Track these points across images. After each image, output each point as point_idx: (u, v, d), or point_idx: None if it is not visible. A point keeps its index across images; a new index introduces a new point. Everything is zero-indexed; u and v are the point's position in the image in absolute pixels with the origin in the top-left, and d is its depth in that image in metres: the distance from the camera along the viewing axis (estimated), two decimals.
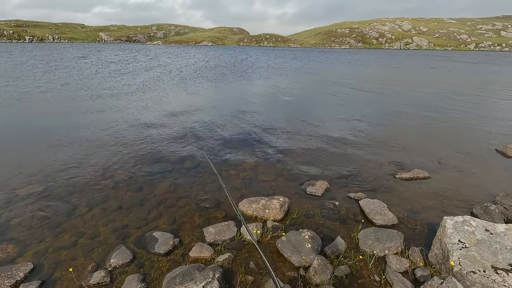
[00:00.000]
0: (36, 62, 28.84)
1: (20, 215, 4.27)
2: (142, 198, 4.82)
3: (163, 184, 5.29)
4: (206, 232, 3.89)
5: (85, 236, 3.87)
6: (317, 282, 3.09)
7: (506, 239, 3.23)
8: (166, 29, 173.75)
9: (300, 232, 3.75)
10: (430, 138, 8.27)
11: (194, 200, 4.77)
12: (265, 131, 8.53)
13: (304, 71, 27.11)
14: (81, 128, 8.37)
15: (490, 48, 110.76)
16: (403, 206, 4.68)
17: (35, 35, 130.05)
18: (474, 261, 2.98)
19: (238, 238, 3.82)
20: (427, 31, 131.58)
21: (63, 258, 3.47)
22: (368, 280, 3.20)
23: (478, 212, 4.37)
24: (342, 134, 8.43)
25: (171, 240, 3.69)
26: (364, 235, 3.80)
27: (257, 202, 4.47)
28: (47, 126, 8.55)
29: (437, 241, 3.46)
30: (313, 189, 5.07)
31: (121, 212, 4.41)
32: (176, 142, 7.47)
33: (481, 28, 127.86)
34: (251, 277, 3.21)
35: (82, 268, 3.33)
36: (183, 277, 2.95)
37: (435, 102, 13.46)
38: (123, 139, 7.57)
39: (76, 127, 8.45)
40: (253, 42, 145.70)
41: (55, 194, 4.84)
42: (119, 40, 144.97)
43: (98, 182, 5.29)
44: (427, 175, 5.72)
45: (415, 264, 3.38)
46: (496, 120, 10.55)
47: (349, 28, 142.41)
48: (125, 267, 3.34)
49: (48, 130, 8.20)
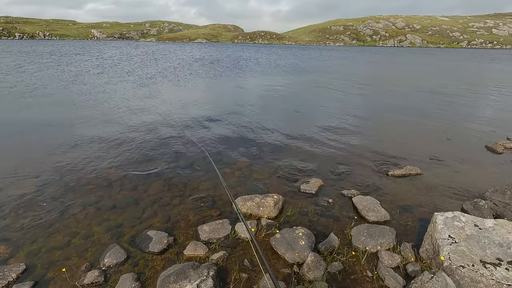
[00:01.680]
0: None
1: (12, 215, 4.22)
2: (136, 197, 4.80)
3: (158, 182, 5.27)
4: (201, 230, 3.90)
5: (79, 235, 3.85)
6: (310, 279, 3.13)
7: (494, 234, 3.31)
8: (159, 26, 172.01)
9: (294, 230, 3.78)
10: (421, 135, 8.38)
11: (188, 199, 4.77)
12: (260, 130, 8.54)
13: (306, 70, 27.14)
14: (73, 127, 8.27)
15: (482, 45, 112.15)
16: (395, 203, 4.75)
17: (25, 32, 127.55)
18: (463, 255, 3.04)
19: (233, 236, 3.84)
20: (420, 28, 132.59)
21: (56, 258, 3.45)
22: (361, 276, 3.25)
23: (468, 208, 4.46)
24: (335, 132, 8.49)
25: (166, 238, 3.69)
26: (357, 231, 3.85)
27: (252, 200, 4.49)
28: (37, 124, 8.43)
29: (428, 236, 3.52)
30: (307, 186, 5.11)
31: (115, 211, 4.39)
32: (171, 140, 7.44)
33: (473, 25, 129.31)
34: (246, 274, 3.24)
35: (76, 268, 3.31)
36: (178, 276, 2.96)
37: (426, 100, 13.62)
38: (116, 137, 7.51)
39: (68, 126, 8.36)
40: (248, 39, 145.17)
41: (48, 194, 4.79)
42: (111, 37, 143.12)
43: (91, 181, 5.26)
44: (419, 171, 5.80)
45: (406, 260, 3.45)
46: (485, 117, 10.73)
47: (344, 26, 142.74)
48: (119, 266, 3.33)
49: (39, 128, 8.10)
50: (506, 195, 4.58)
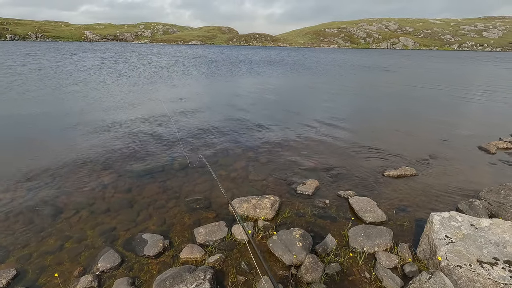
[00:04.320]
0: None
1: (2, 219, 4.11)
2: (130, 199, 4.73)
3: (153, 185, 5.20)
4: (197, 233, 3.85)
5: (72, 239, 3.76)
6: (308, 281, 3.10)
7: (490, 234, 3.33)
8: (153, 28, 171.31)
9: (291, 231, 3.75)
10: (415, 136, 8.45)
11: (184, 201, 4.71)
12: (255, 131, 8.52)
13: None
14: (64, 128, 8.14)
15: (472, 48, 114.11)
16: (391, 203, 4.75)
17: (17, 33, 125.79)
18: (460, 255, 3.05)
19: (229, 239, 3.80)
20: (413, 31, 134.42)
21: (48, 263, 3.36)
22: (359, 277, 3.23)
23: (464, 208, 4.49)
24: (331, 133, 8.50)
25: (161, 241, 3.63)
26: (354, 232, 3.84)
27: (248, 201, 4.45)
28: (28, 126, 8.28)
29: (425, 236, 3.53)
30: (303, 188, 5.09)
31: (109, 215, 4.31)
32: (165, 142, 7.36)
33: (464, 28, 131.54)
34: (243, 277, 3.19)
35: (69, 273, 3.23)
36: (174, 279, 2.90)
37: (420, 101, 13.77)
38: (110, 139, 7.41)
39: (60, 127, 8.22)
40: (243, 41, 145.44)
41: (40, 197, 4.69)
42: (105, 39, 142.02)
43: (84, 184, 5.16)
44: (415, 172, 5.83)
45: (404, 260, 3.44)
46: (478, 117, 10.87)
47: (338, 28, 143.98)
48: (114, 270, 3.26)
49: (29, 130, 7.95)
50: (501, 195, 4.63)
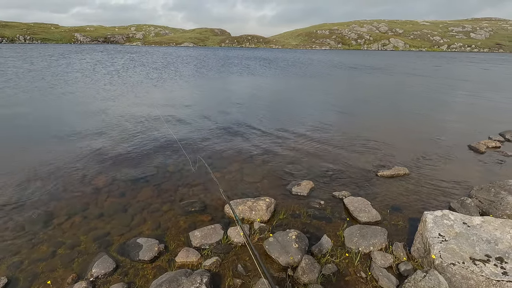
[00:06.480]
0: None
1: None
2: (124, 203, 4.67)
3: (147, 188, 5.15)
4: (192, 236, 3.83)
5: (64, 246, 3.70)
6: (305, 282, 3.11)
7: (482, 231, 3.39)
8: (145, 30, 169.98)
9: (287, 233, 3.76)
10: (407, 136, 8.57)
11: (179, 204, 4.68)
12: (249, 133, 8.52)
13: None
14: (56, 132, 8.00)
15: (461, 49, 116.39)
16: (385, 203, 4.81)
17: (4, 36, 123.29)
18: (454, 253, 3.10)
19: (225, 241, 3.78)
20: (403, 32, 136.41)
21: (40, 270, 3.30)
22: (355, 277, 3.26)
23: (456, 206, 4.56)
24: (325, 134, 8.56)
25: (156, 246, 3.60)
26: (350, 232, 3.87)
27: (244, 203, 4.45)
28: (18, 129, 8.12)
29: (419, 235, 3.58)
30: (298, 189, 5.11)
31: (102, 220, 4.25)
32: (159, 145, 7.30)
33: (452, 30, 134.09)
34: (240, 280, 3.18)
35: (62, 279, 3.17)
36: (170, 284, 2.88)
37: (411, 102, 13.98)
38: (103, 142, 7.31)
39: (52, 130, 8.08)
40: (235, 43, 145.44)
41: (31, 203, 4.59)
42: (95, 41, 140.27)
43: (77, 188, 5.08)
44: (407, 172, 5.91)
45: (398, 259, 3.48)
46: (468, 117, 11.09)
47: (329, 30, 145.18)
48: (108, 276, 3.21)
49: (20, 134, 7.79)
50: (491, 193, 4.72)
